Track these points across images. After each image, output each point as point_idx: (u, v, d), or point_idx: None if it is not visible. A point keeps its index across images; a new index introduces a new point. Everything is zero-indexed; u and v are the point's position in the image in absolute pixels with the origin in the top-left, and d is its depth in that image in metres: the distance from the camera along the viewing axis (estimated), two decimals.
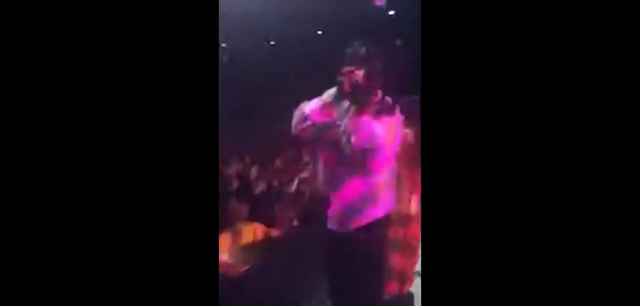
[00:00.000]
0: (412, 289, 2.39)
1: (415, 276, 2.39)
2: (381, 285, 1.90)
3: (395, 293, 2.33)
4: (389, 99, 1.67)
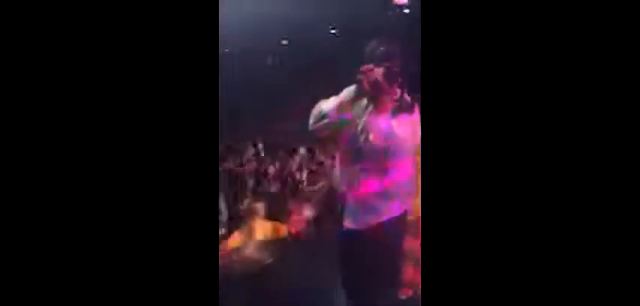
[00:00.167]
0: None
1: None
2: (398, 284, 1.89)
3: (410, 295, 2.31)
4: (408, 97, 1.66)
